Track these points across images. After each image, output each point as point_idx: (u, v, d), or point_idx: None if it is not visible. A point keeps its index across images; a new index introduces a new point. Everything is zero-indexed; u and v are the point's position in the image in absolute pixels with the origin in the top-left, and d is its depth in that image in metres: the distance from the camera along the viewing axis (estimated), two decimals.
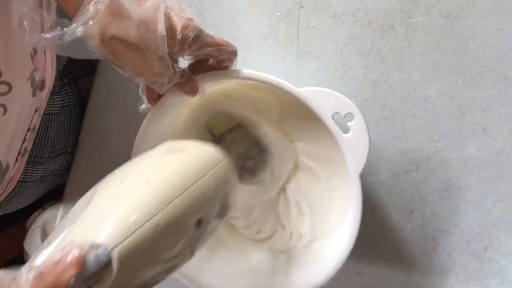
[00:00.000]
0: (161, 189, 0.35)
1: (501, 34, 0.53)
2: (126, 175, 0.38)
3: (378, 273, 0.61)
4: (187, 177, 0.37)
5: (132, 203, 0.34)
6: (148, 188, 0.35)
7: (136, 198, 0.34)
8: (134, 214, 0.32)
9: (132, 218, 0.32)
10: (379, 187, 0.59)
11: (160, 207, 0.34)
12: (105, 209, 0.34)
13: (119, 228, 0.31)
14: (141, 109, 0.52)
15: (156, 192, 0.35)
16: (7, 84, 0.51)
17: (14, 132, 0.56)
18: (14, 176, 0.62)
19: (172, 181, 0.36)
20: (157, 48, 0.42)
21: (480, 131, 0.55)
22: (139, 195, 0.34)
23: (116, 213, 0.33)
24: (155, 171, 0.38)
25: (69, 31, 0.40)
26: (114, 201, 0.34)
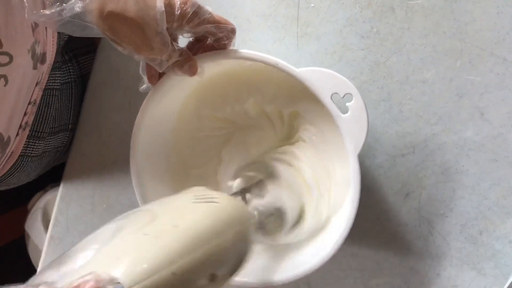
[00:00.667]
0: (187, 238, 0.35)
1: (500, 18, 0.53)
2: (156, 215, 0.38)
3: (373, 255, 0.61)
4: (214, 230, 0.37)
5: (157, 247, 0.34)
6: (174, 234, 0.35)
7: (161, 242, 0.34)
8: (157, 258, 0.33)
9: (154, 262, 0.32)
10: (376, 169, 0.59)
11: (182, 256, 0.34)
12: (130, 247, 0.34)
13: (140, 269, 0.32)
14: (142, 89, 0.52)
15: (181, 240, 0.35)
16: (8, 55, 0.51)
17: (15, 105, 0.57)
18: (16, 150, 0.62)
19: (198, 232, 0.36)
20: (155, 24, 0.42)
21: (477, 115, 0.55)
22: (165, 239, 0.35)
23: (141, 254, 0.33)
24: (184, 218, 0.38)
25: (68, 7, 0.40)
26: (140, 241, 0.34)
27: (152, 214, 0.38)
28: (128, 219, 0.38)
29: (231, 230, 0.39)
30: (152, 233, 0.35)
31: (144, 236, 0.35)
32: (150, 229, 0.36)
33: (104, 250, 0.34)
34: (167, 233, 0.35)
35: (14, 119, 0.58)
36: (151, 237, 0.35)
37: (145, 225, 0.36)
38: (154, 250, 0.33)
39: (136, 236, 0.35)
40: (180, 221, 0.37)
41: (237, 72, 0.56)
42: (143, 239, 0.35)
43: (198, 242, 0.36)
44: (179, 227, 0.36)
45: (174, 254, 0.34)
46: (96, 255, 0.33)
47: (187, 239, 0.35)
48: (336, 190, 0.57)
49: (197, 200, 0.42)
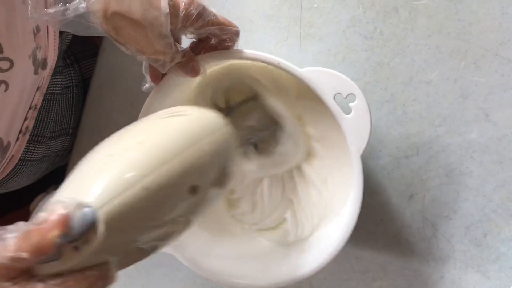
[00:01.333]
0: (154, 151, 0.34)
1: (505, 18, 0.52)
2: (121, 135, 0.37)
3: (376, 258, 0.60)
4: (184, 141, 0.36)
5: (122, 164, 0.33)
6: (140, 150, 0.34)
7: (127, 159, 0.33)
8: (124, 175, 0.32)
9: (121, 179, 0.31)
10: (379, 171, 0.59)
11: (151, 170, 0.33)
12: (95, 169, 0.33)
13: (107, 188, 0.31)
14: (145, 88, 0.52)
15: (148, 154, 0.34)
16: (9, 60, 0.51)
17: (16, 110, 0.57)
18: (16, 155, 0.62)
19: (167, 144, 0.35)
20: (160, 25, 0.42)
21: (482, 116, 0.54)
22: (131, 156, 0.33)
23: (105, 174, 0.32)
24: (150, 133, 0.37)
25: (72, 7, 0.40)
26: (104, 162, 0.33)
27: (119, 135, 0.37)
28: (97, 146, 0.37)
29: (205, 139, 0.38)
30: (116, 152, 0.34)
31: (109, 157, 0.34)
32: (114, 149, 0.35)
33: (69, 179, 0.33)
34: (133, 149, 0.34)
35: (14, 124, 0.58)
36: (116, 157, 0.34)
37: (110, 146, 0.36)
38: (120, 168, 0.32)
39: (101, 158, 0.34)
40: (147, 136, 0.36)
41: (240, 71, 0.56)
42: (108, 160, 0.34)
43: (169, 154, 0.34)
44: (146, 142, 0.35)
45: (142, 168, 0.32)
46: (64, 185, 0.33)
47: (156, 152, 0.34)
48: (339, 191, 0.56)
49: (166, 115, 0.40)
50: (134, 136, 0.37)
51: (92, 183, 0.31)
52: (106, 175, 0.32)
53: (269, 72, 0.54)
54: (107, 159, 0.34)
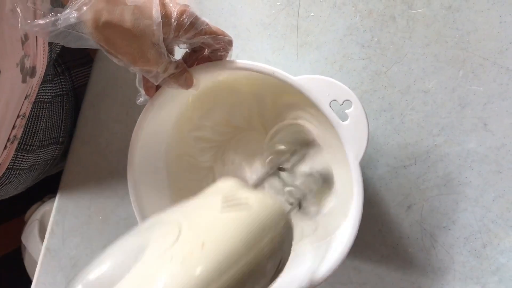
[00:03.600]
0: (216, 260, 0.32)
1: (503, 27, 0.52)
2: (180, 229, 0.35)
3: (375, 269, 0.60)
4: (245, 245, 0.34)
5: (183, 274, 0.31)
6: (202, 256, 0.33)
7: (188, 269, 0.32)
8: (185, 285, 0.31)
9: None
10: (377, 181, 0.58)
11: (213, 279, 0.31)
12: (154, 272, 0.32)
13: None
14: (139, 102, 0.51)
15: (210, 262, 0.32)
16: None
17: (3, 118, 0.56)
18: (3, 163, 0.61)
19: (228, 248, 0.33)
20: (152, 35, 0.41)
21: (480, 126, 0.54)
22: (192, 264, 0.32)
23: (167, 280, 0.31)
24: (211, 233, 0.35)
25: (62, 17, 0.40)
26: (165, 265, 0.32)
27: (176, 229, 0.36)
28: (152, 234, 0.36)
29: (265, 239, 0.36)
30: (177, 256, 0.33)
31: (170, 262, 0.32)
32: (175, 251, 0.33)
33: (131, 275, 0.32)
34: (194, 255, 0.32)
35: (1, 132, 0.57)
36: (176, 263, 0.32)
37: (170, 246, 0.34)
38: (181, 276, 0.31)
39: (162, 261, 0.33)
40: (207, 238, 0.34)
41: (235, 82, 0.56)
42: (169, 265, 0.32)
43: (229, 261, 0.33)
44: (206, 246, 0.33)
45: (203, 278, 0.31)
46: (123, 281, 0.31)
47: (217, 261, 0.32)
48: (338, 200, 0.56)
49: (225, 205, 0.38)
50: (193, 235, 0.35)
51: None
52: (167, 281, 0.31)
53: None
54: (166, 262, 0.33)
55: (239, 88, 0.57)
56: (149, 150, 0.55)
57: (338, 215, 0.55)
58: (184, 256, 0.32)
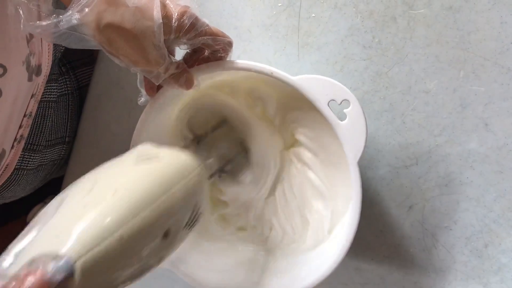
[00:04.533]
0: (128, 201, 0.35)
1: (504, 27, 0.52)
2: (95, 182, 0.37)
3: (377, 269, 0.60)
4: (156, 189, 0.37)
5: (97, 214, 0.33)
6: (115, 199, 0.35)
7: (101, 210, 0.34)
8: (99, 226, 0.32)
9: (97, 230, 0.32)
10: (378, 181, 0.58)
11: (126, 220, 0.33)
12: (70, 219, 0.33)
13: (83, 240, 0.31)
14: (140, 102, 0.52)
15: (122, 204, 0.34)
16: (2, 66, 0.51)
17: (10, 117, 0.56)
18: (11, 163, 0.62)
19: (140, 193, 0.36)
20: (153, 36, 0.41)
21: (481, 126, 0.54)
22: (105, 206, 0.34)
23: (81, 225, 0.32)
24: (124, 181, 0.37)
25: (64, 19, 0.40)
26: (80, 212, 0.34)
27: (92, 182, 0.38)
28: (70, 190, 0.37)
29: (177, 185, 0.38)
30: (91, 202, 0.35)
31: (84, 207, 0.34)
32: (89, 199, 0.35)
33: (46, 228, 0.33)
34: (107, 199, 0.35)
35: (8, 131, 0.57)
36: (90, 207, 0.34)
37: (85, 195, 0.36)
38: (96, 219, 0.33)
39: (76, 208, 0.35)
40: (120, 185, 0.36)
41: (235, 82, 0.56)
42: (83, 210, 0.34)
43: (142, 203, 0.35)
44: (119, 191, 0.35)
45: (117, 219, 0.33)
46: (39, 234, 0.33)
47: (129, 203, 0.34)
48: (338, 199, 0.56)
49: (138, 160, 0.41)
50: (108, 185, 0.37)
51: (68, 235, 0.32)
52: (82, 226, 0.32)
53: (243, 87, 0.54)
54: (82, 209, 0.34)
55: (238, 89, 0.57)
56: None
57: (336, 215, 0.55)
58: (96, 203, 0.34)
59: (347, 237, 0.46)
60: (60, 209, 0.35)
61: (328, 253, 0.50)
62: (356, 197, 0.46)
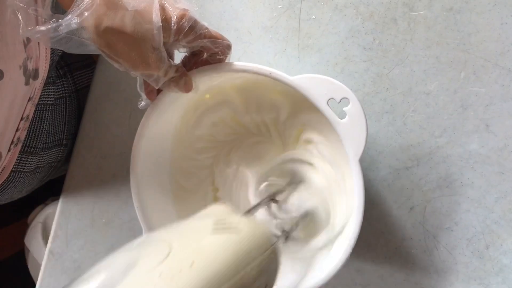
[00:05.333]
0: (204, 278, 0.33)
1: (504, 28, 0.52)
2: (171, 248, 0.36)
3: (378, 270, 0.60)
4: (234, 266, 0.35)
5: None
6: (191, 275, 0.33)
7: (176, 284, 0.32)
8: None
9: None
10: (380, 183, 0.58)
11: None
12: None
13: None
14: (141, 106, 0.52)
15: (198, 281, 0.33)
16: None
17: (7, 121, 0.56)
18: (7, 166, 0.62)
19: (217, 268, 0.34)
20: (152, 39, 0.41)
21: (482, 127, 0.54)
22: (181, 280, 0.33)
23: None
24: (200, 253, 0.36)
25: (64, 23, 0.40)
26: (154, 281, 0.33)
27: (167, 247, 0.36)
28: (143, 251, 0.36)
29: (253, 262, 0.37)
30: (166, 273, 0.33)
31: (159, 278, 0.33)
32: (164, 268, 0.34)
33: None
34: (183, 273, 0.33)
35: (5, 135, 0.57)
36: (166, 279, 0.33)
37: (160, 263, 0.34)
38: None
39: (151, 277, 0.33)
40: (197, 257, 0.35)
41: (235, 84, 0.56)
42: (158, 281, 0.33)
43: (218, 281, 0.33)
44: (195, 265, 0.34)
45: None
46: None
47: (205, 279, 0.33)
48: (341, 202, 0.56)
49: (216, 228, 0.39)
50: (184, 254, 0.36)
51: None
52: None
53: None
54: (158, 280, 0.33)
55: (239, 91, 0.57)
56: (151, 154, 0.55)
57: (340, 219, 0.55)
58: (173, 274, 0.33)
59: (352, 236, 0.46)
60: (133, 273, 0.34)
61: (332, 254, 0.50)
62: (358, 195, 0.45)
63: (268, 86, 0.53)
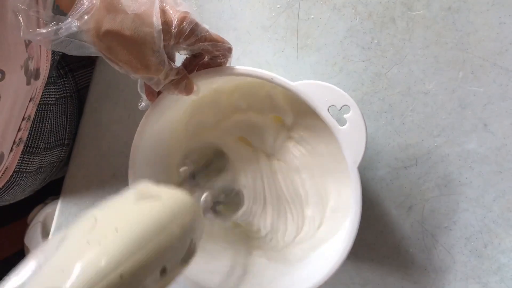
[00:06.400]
0: (129, 239, 0.35)
1: (503, 28, 0.52)
2: (96, 220, 0.38)
3: (376, 269, 0.60)
4: (155, 227, 0.38)
5: (99, 252, 0.34)
6: (116, 237, 0.36)
7: (103, 248, 0.34)
8: (101, 263, 0.33)
9: (99, 268, 0.33)
10: (378, 182, 0.58)
11: (127, 258, 0.34)
12: (73, 257, 0.34)
13: (85, 277, 0.32)
14: (141, 107, 0.52)
15: (123, 241, 0.35)
16: (0, 71, 0.51)
17: (8, 121, 0.56)
18: (10, 166, 0.62)
19: (140, 231, 0.36)
20: (153, 42, 0.41)
21: (480, 126, 0.54)
22: (107, 244, 0.35)
23: (84, 262, 0.33)
24: (125, 219, 0.38)
25: (64, 26, 0.40)
26: (82, 249, 0.35)
27: (93, 219, 0.39)
28: (72, 227, 0.38)
29: (175, 224, 0.39)
30: (94, 239, 0.36)
31: (86, 244, 0.35)
32: (92, 236, 0.36)
33: (50, 263, 0.34)
34: (109, 238, 0.36)
35: (7, 135, 0.58)
36: (93, 244, 0.35)
37: (87, 232, 0.37)
38: (98, 256, 0.34)
39: (79, 245, 0.35)
40: (121, 224, 0.37)
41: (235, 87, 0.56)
42: (86, 247, 0.35)
43: (141, 241, 0.36)
44: (120, 230, 0.36)
45: (118, 256, 0.34)
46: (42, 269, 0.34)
47: (129, 241, 0.35)
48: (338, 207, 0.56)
49: (138, 198, 0.42)
50: (109, 223, 0.38)
51: (70, 272, 0.32)
52: (84, 263, 0.33)
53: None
54: (84, 247, 0.35)
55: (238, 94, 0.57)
56: (150, 155, 0.55)
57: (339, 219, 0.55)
58: (99, 239, 0.35)
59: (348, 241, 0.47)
60: (63, 246, 0.36)
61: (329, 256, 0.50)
62: (356, 201, 0.46)
63: (267, 86, 0.53)
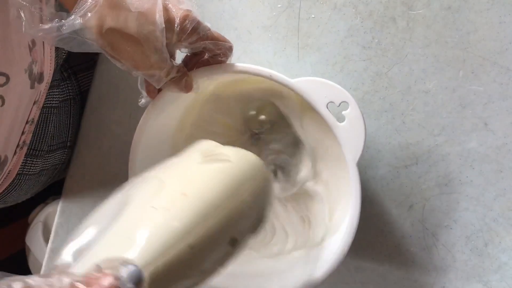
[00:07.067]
0: (199, 206, 0.33)
1: (503, 27, 0.52)
2: (163, 182, 0.36)
3: (377, 268, 0.60)
4: (226, 192, 0.35)
5: (168, 220, 0.32)
6: (185, 203, 0.33)
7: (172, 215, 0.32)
8: (169, 232, 0.31)
9: (167, 237, 0.31)
10: (379, 181, 0.58)
11: (195, 225, 0.32)
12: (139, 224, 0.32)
13: (154, 247, 0.30)
14: (141, 104, 0.52)
15: (193, 209, 0.33)
16: (5, 75, 0.51)
17: (12, 124, 0.56)
18: (13, 169, 0.62)
19: (210, 197, 0.34)
20: (155, 40, 0.42)
21: (481, 125, 0.54)
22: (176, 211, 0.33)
23: (151, 230, 0.31)
24: (193, 183, 0.36)
25: (67, 23, 0.40)
26: (150, 215, 0.33)
27: (158, 182, 0.36)
28: (133, 190, 0.36)
29: (246, 189, 0.36)
30: (161, 205, 0.33)
31: (153, 210, 0.33)
32: (158, 201, 0.34)
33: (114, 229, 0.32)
34: (177, 203, 0.33)
35: (11, 138, 0.58)
36: (160, 210, 0.33)
37: (153, 196, 0.35)
38: (164, 223, 0.32)
39: (145, 210, 0.33)
40: (189, 187, 0.35)
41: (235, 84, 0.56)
42: (153, 213, 0.33)
43: (212, 208, 0.33)
44: (188, 194, 0.34)
45: (188, 226, 0.32)
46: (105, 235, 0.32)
47: (199, 207, 0.33)
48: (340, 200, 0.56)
49: (205, 159, 0.39)
50: (175, 186, 0.36)
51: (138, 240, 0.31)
52: (152, 232, 0.31)
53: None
54: (151, 213, 0.33)
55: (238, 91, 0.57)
56: (150, 152, 0.55)
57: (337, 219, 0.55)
58: (167, 206, 0.33)
59: (347, 238, 0.47)
60: (127, 210, 0.34)
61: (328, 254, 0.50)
62: (355, 198, 0.46)
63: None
